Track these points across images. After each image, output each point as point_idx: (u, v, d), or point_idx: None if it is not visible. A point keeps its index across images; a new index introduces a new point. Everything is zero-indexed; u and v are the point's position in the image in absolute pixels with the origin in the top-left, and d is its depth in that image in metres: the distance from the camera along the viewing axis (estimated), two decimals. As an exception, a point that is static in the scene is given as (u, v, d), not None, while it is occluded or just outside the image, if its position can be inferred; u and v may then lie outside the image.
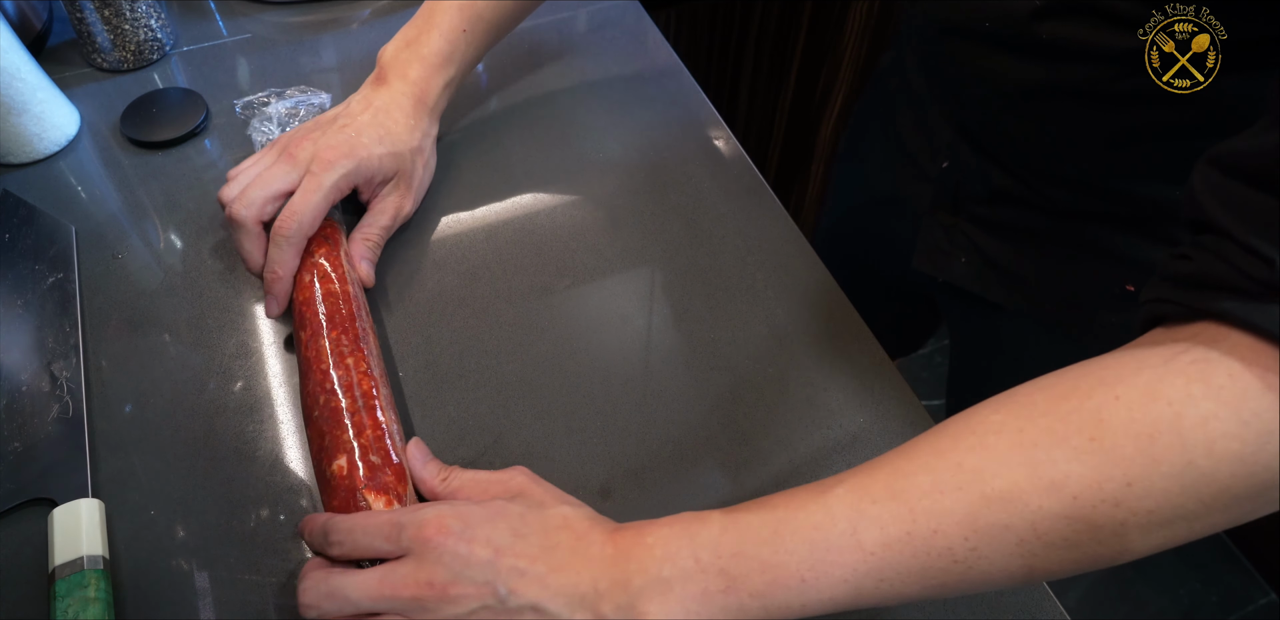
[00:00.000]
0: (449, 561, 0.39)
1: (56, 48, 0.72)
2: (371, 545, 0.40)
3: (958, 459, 0.35)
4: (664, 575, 0.38)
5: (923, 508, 0.35)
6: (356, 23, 0.75)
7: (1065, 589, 1.35)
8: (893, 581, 0.35)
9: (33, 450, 0.49)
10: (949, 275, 0.65)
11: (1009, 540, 0.34)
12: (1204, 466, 0.32)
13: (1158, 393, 0.33)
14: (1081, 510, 0.33)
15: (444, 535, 0.39)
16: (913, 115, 0.65)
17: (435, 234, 0.60)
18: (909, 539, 0.35)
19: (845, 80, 1.28)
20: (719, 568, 0.37)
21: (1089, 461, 0.33)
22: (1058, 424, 0.34)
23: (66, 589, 0.42)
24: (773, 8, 1.11)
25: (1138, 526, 0.33)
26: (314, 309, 0.51)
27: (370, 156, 0.54)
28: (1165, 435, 0.32)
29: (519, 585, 0.38)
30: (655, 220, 0.61)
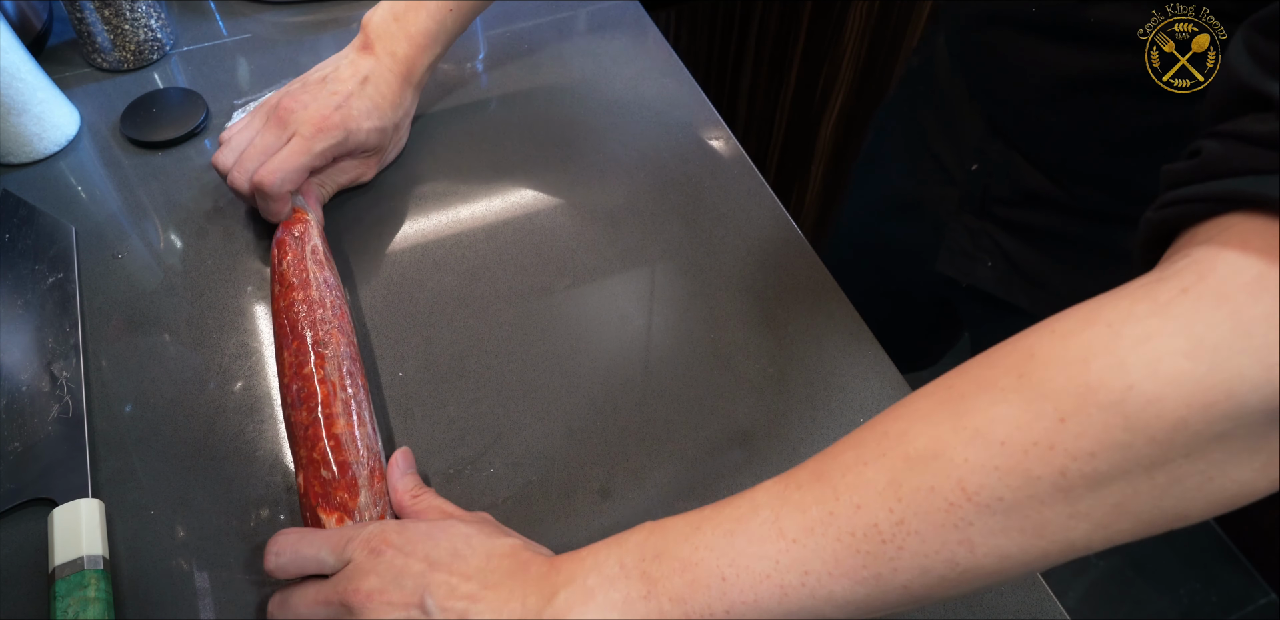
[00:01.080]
0: (383, 571, 0.39)
1: (56, 48, 0.72)
2: (316, 554, 0.41)
3: (884, 428, 0.32)
4: (588, 584, 0.36)
5: (845, 484, 0.32)
6: (356, 23, 0.75)
7: (1065, 589, 1.35)
8: (819, 575, 0.31)
9: (33, 450, 0.49)
10: (973, 279, 0.65)
11: (937, 506, 0.29)
12: (1148, 392, 0.26)
13: (1095, 317, 0.29)
14: (1012, 458, 0.28)
15: (384, 545, 0.40)
16: (940, 118, 0.65)
17: (435, 234, 0.60)
18: (831, 520, 0.31)
19: (845, 80, 1.28)
20: (641, 571, 0.35)
21: (1015, 400, 0.29)
22: (987, 370, 0.30)
23: (66, 589, 0.42)
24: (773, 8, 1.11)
25: (1081, 477, 0.28)
26: (279, 321, 0.51)
27: (359, 130, 0.55)
28: (1099, 358, 0.27)
29: (446, 600, 0.38)
30: (655, 220, 0.61)
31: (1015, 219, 0.60)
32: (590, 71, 0.71)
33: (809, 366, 0.54)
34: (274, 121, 0.55)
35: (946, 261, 0.67)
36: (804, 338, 0.55)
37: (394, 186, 0.63)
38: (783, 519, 0.32)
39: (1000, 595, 0.45)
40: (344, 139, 0.55)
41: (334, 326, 0.51)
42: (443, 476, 0.49)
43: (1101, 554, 1.38)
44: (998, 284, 0.64)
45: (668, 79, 0.71)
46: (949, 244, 0.66)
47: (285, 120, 0.54)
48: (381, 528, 0.41)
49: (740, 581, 0.33)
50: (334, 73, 0.56)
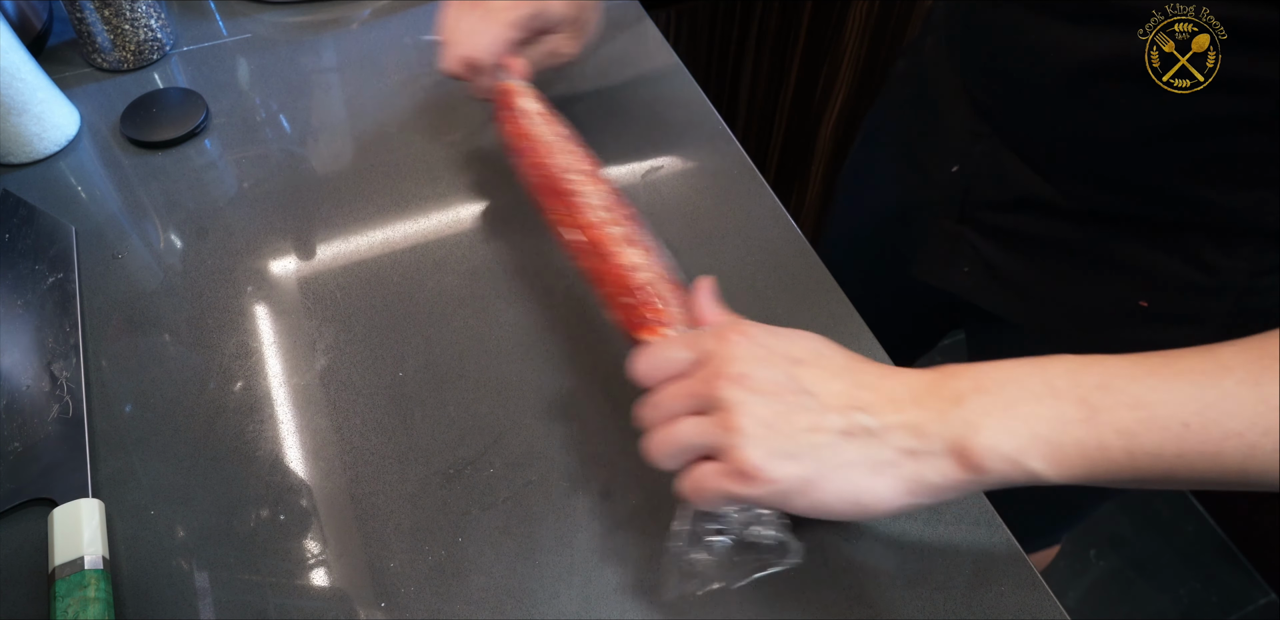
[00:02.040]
0: (744, 357, 0.37)
1: (56, 48, 0.72)
2: (671, 354, 0.40)
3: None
4: (1006, 394, 0.34)
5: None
6: (356, 23, 0.75)
7: (1065, 589, 1.35)
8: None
9: (33, 450, 0.49)
10: (950, 285, 0.65)
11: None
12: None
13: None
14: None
15: (740, 335, 0.38)
16: (924, 121, 0.65)
17: (435, 234, 0.60)
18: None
19: (845, 80, 1.28)
20: (1078, 396, 0.33)
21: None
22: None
23: (66, 589, 0.42)
24: (773, 8, 1.11)
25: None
26: (532, 185, 0.53)
27: (552, 3, 0.57)
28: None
29: (822, 385, 0.36)
30: (655, 220, 0.61)
31: (996, 223, 0.60)
32: (590, 71, 0.71)
33: (809, 366, 0.54)
34: (470, 7, 0.57)
35: (923, 267, 0.66)
36: (804, 338, 0.55)
37: (394, 186, 0.63)
38: (1264, 385, 0.32)
39: (1000, 595, 0.45)
40: (539, 11, 0.56)
41: (583, 174, 0.51)
42: (443, 476, 0.49)
43: (1101, 554, 1.38)
44: (974, 291, 0.63)
45: (668, 79, 0.71)
46: (927, 249, 0.65)
47: (488, 7, 0.56)
48: (735, 319, 0.40)
49: (1205, 432, 0.32)
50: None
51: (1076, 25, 0.47)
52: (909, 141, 0.67)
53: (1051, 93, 0.51)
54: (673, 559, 0.45)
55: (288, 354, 0.54)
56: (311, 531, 0.47)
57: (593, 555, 0.46)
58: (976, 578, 0.45)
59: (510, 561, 0.46)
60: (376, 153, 0.65)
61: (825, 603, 0.45)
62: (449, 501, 0.48)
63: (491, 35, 0.56)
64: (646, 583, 0.45)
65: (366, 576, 0.46)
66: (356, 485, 0.49)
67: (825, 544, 0.46)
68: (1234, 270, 0.52)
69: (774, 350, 0.38)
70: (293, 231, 0.60)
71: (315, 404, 0.52)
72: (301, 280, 0.58)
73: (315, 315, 0.56)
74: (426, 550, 0.46)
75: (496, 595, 0.45)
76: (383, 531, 0.47)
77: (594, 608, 0.45)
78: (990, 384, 0.35)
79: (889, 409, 0.36)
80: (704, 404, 0.38)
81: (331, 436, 0.51)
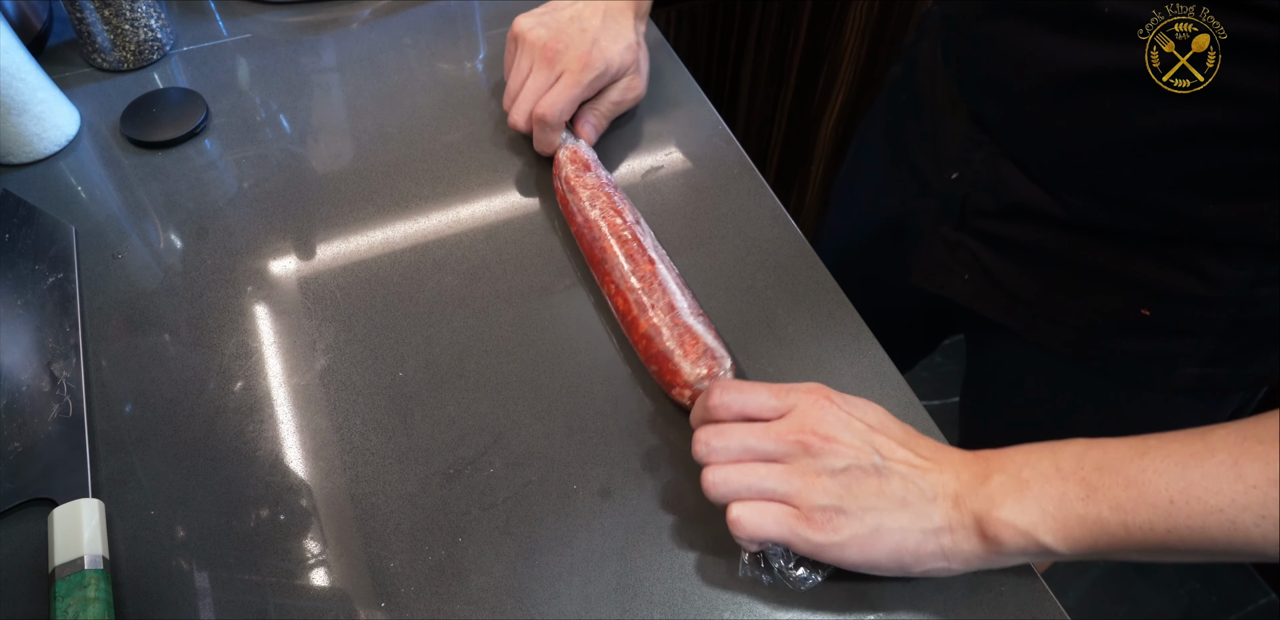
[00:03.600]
0: (832, 420, 0.42)
1: (56, 48, 0.72)
2: (758, 399, 0.44)
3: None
4: (1022, 475, 0.39)
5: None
6: (356, 23, 0.75)
7: (1065, 589, 1.35)
8: (1276, 522, 0.34)
9: (33, 450, 0.49)
10: (948, 292, 0.64)
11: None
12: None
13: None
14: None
15: (828, 399, 0.43)
16: (920, 128, 0.64)
17: (435, 234, 0.60)
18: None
19: (845, 80, 1.28)
20: (1080, 477, 0.38)
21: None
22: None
23: (66, 589, 0.42)
24: (773, 8, 1.11)
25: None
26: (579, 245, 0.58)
27: (614, 56, 0.61)
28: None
29: (891, 457, 0.42)
30: (655, 220, 0.61)
31: (996, 232, 0.59)
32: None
33: (809, 366, 0.54)
34: (542, 63, 0.60)
35: (921, 275, 0.66)
36: (804, 338, 0.55)
37: (394, 186, 0.63)
38: (1243, 465, 0.35)
39: (1000, 595, 0.45)
40: (604, 69, 0.60)
41: (617, 239, 0.55)
42: (443, 476, 0.49)
43: (1101, 554, 1.38)
44: (973, 298, 0.63)
45: (668, 79, 0.71)
46: (925, 256, 0.65)
47: (553, 61, 0.60)
48: (817, 384, 0.45)
49: (1189, 508, 0.36)
50: (578, 13, 0.62)
51: (1075, 32, 0.47)
52: (907, 148, 0.67)
53: (1050, 101, 0.51)
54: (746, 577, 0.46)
55: (288, 354, 0.54)
56: (311, 531, 0.47)
57: (593, 555, 0.46)
58: (976, 578, 0.45)
59: (510, 561, 0.46)
60: (376, 153, 0.65)
61: (826, 602, 0.45)
62: (449, 501, 0.48)
63: (561, 96, 0.59)
64: (646, 582, 0.45)
65: (366, 576, 0.46)
66: (356, 485, 0.49)
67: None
68: (1234, 281, 0.52)
69: (854, 415, 0.43)
70: (293, 231, 0.60)
71: (315, 404, 0.52)
72: (301, 280, 0.58)
73: (315, 315, 0.56)
74: (426, 550, 0.46)
75: (496, 595, 0.45)
76: (383, 531, 0.47)
77: (594, 608, 0.45)
78: (1010, 465, 0.41)
79: (938, 486, 0.41)
80: (786, 453, 0.42)
81: (331, 436, 0.51)
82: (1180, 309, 0.54)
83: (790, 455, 0.42)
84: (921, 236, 0.65)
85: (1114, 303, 0.57)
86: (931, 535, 0.40)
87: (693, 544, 0.47)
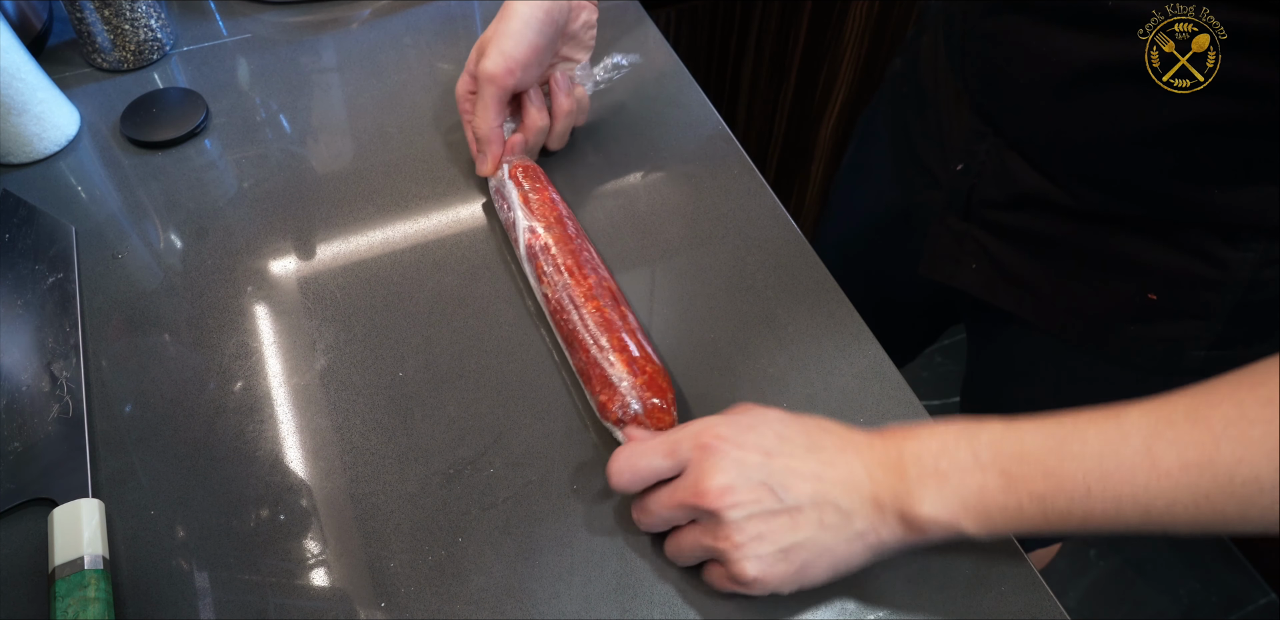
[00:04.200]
0: (725, 467, 0.41)
1: (56, 48, 0.72)
2: (651, 464, 0.43)
3: (1268, 395, 0.35)
4: (940, 467, 0.39)
5: (1229, 435, 0.35)
6: (356, 23, 0.75)
7: (1065, 589, 1.35)
8: (1186, 506, 0.35)
9: (33, 450, 0.49)
10: (957, 281, 0.65)
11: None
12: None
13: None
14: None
15: (719, 441, 0.42)
16: (924, 120, 0.64)
17: (435, 234, 0.60)
18: (1210, 466, 0.35)
19: (845, 80, 1.28)
20: (1000, 467, 0.38)
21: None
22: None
23: (66, 589, 0.42)
24: (773, 8, 1.11)
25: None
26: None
27: (511, 55, 0.56)
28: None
29: (793, 482, 0.41)
30: (655, 220, 0.61)
31: (1002, 221, 0.60)
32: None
33: (809, 366, 0.54)
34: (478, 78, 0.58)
35: (930, 265, 0.66)
36: (804, 338, 0.55)
37: (394, 186, 0.63)
38: (1156, 452, 0.36)
39: (1000, 595, 0.45)
40: (514, 71, 0.56)
41: (552, 265, 0.53)
42: (443, 476, 0.49)
43: (1102, 554, 1.38)
44: (982, 287, 0.63)
45: (668, 79, 0.71)
46: (932, 247, 0.65)
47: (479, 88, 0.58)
48: (704, 425, 0.44)
49: (1104, 495, 0.37)
50: (485, 36, 0.59)
51: (1076, 30, 0.48)
52: (911, 140, 0.67)
53: (1052, 97, 0.51)
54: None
55: (288, 354, 0.54)
56: (311, 531, 0.47)
57: (593, 555, 0.46)
58: (976, 578, 0.45)
59: (510, 561, 0.46)
60: (376, 153, 0.65)
61: (825, 603, 0.45)
62: (449, 501, 0.48)
63: (489, 114, 0.57)
64: (646, 582, 0.45)
65: (366, 576, 0.46)
66: (356, 485, 0.49)
67: (825, 544, 0.46)
68: (1241, 263, 0.52)
69: (746, 447, 0.42)
70: (293, 231, 0.60)
71: (315, 404, 0.52)
72: (301, 280, 0.58)
73: (315, 315, 0.56)
74: (426, 550, 0.46)
75: (496, 595, 0.45)
76: (383, 531, 0.47)
77: (594, 608, 0.45)
78: (925, 454, 0.40)
79: (852, 493, 0.41)
80: (695, 516, 0.43)
81: (331, 436, 0.51)
82: (1187, 292, 0.55)
83: (697, 519, 0.43)
84: (928, 228, 0.66)
85: (1122, 288, 0.57)
86: (858, 540, 0.41)
87: (693, 544, 0.47)
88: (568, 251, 0.54)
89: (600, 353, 0.49)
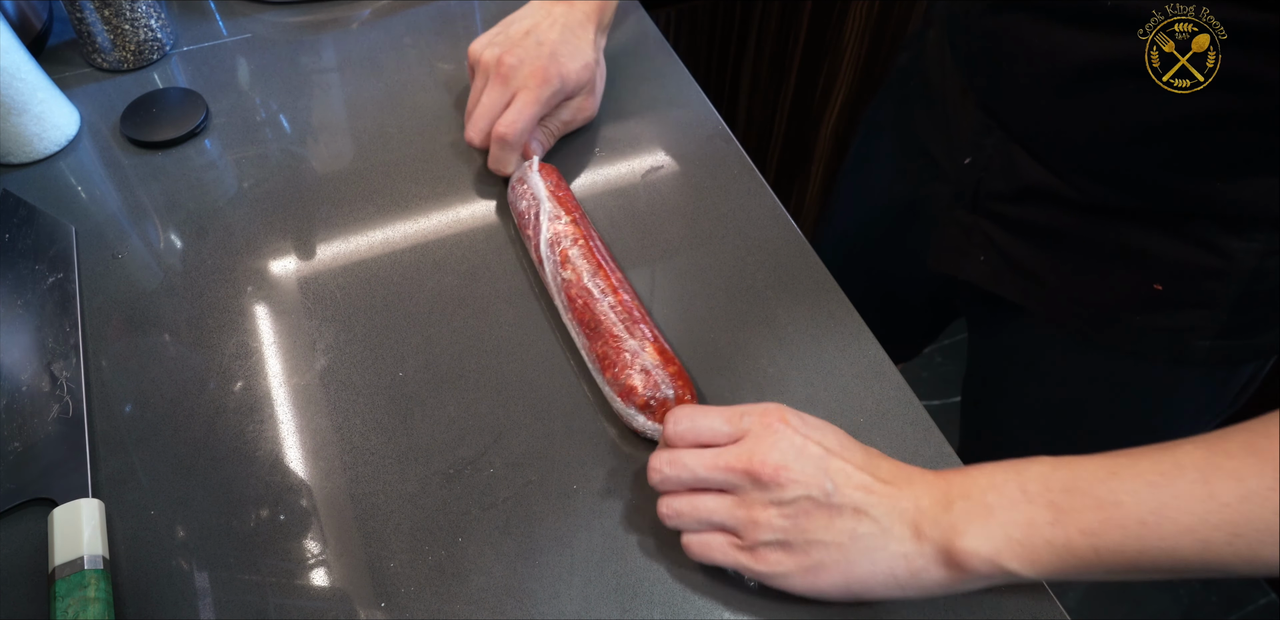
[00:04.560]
0: (784, 447, 0.41)
1: (56, 48, 0.72)
2: (711, 425, 0.43)
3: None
4: (987, 500, 0.38)
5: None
6: (356, 23, 0.75)
7: (1065, 589, 1.35)
8: (1249, 540, 0.34)
9: (33, 450, 0.49)
10: (966, 274, 0.65)
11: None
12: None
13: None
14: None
15: (783, 423, 0.42)
16: (931, 114, 0.65)
17: (434, 234, 0.60)
18: (1270, 495, 0.33)
19: (845, 80, 1.28)
20: (1048, 500, 0.37)
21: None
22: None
23: (66, 589, 0.42)
24: (773, 8, 1.11)
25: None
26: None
27: (571, 73, 0.60)
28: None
29: (845, 485, 0.40)
30: (655, 220, 0.61)
31: (1010, 214, 0.60)
32: (590, 71, 0.71)
33: (809, 366, 0.54)
34: (496, 79, 0.59)
35: (938, 258, 0.67)
36: (804, 338, 0.55)
37: (394, 186, 0.63)
38: (1214, 483, 0.35)
39: (1000, 595, 0.45)
40: (561, 85, 0.59)
41: (570, 271, 0.54)
42: (443, 476, 0.49)
43: (1101, 554, 1.38)
44: (991, 279, 0.64)
45: (668, 79, 0.71)
46: (941, 240, 0.66)
47: (508, 77, 0.58)
48: (773, 405, 0.43)
49: (1161, 529, 0.35)
50: (534, 26, 0.60)
51: (1078, 29, 0.48)
52: (917, 134, 0.67)
53: (1054, 95, 0.52)
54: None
55: (288, 354, 0.54)
56: (311, 531, 0.47)
57: (593, 555, 0.46)
58: (976, 578, 0.45)
59: (510, 561, 0.46)
60: (376, 153, 0.65)
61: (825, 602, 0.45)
62: (449, 501, 0.48)
63: (522, 114, 0.58)
64: (646, 582, 0.45)
65: (366, 576, 0.46)
66: (356, 485, 0.49)
67: (825, 544, 0.46)
68: (1246, 253, 0.52)
69: (810, 438, 0.42)
70: (293, 231, 0.60)
71: (315, 404, 0.52)
72: (301, 280, 0.58)
73: (315, 315, 0.56)
74: (426, 550, 0.46)
75: (496, 595, 0.45)
76: (383, 531, 0.47)
77: (594, 608, 0.45)
78: (974, 489, 0.39)
79: (894, 515, 0.40)
80: (736, 484, 0.42)
81: (331, 436, 0.51)
82: (1192, 282, 0.55)
83: (738, 486, 0.42)
84: (935, 221, 0.66)
85: (1127, 279, 0.57)
86: (883, 564, 0.40)
87: (693, 544, 0.47)
88: (592, 247, 0.55)
89: (630, 338, 0.50)
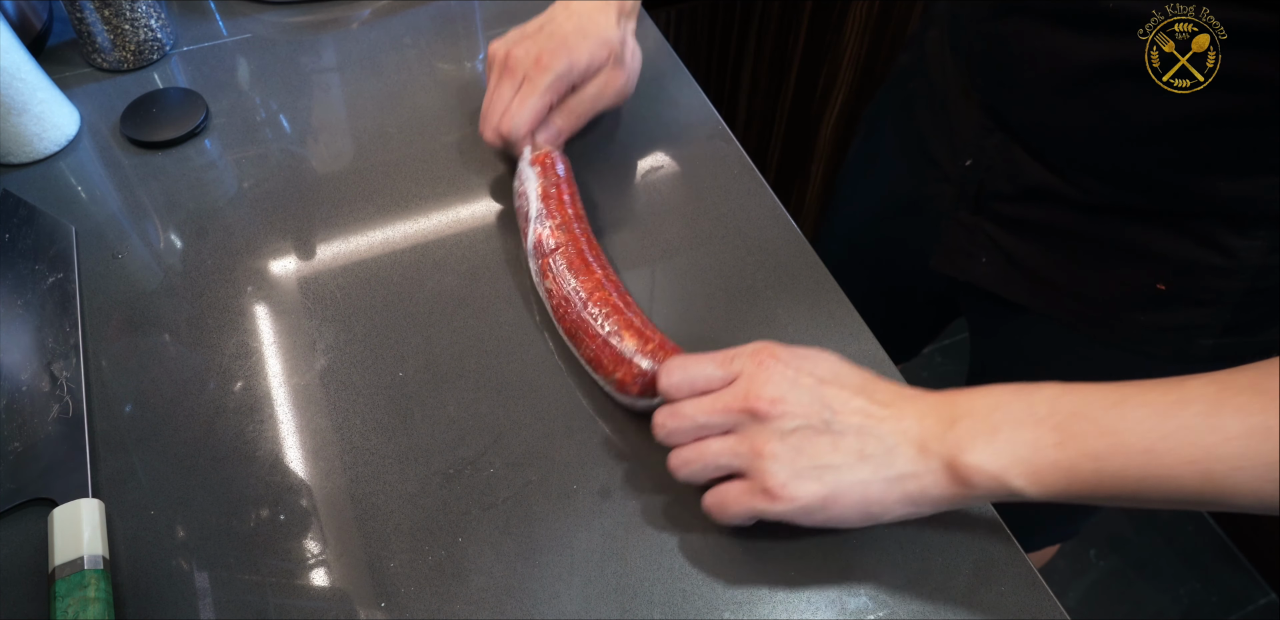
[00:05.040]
0: (778, 381, 0.41)
1: (56, 48, 0.72)
2: (704, 371, 0.43)
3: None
4: (993, 419, 0.39)
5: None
6: (356, 23, 0.75)
7: (1065, 589, 1.35)
8: (1250, 473, 0.34)
9: (33, 450, 0.49)
10: (969, 276, 0.65)
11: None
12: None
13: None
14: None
15: (774, 358, 0.42)
16: (933, 115, 0.65)
17: (435, 234, 0.60)
18: (1274, 430, 0.34)
19: (845, 80, 1.28)
20: (1054, 422, 0.37)
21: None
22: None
23: (66, 589, 0.42)
24: (773, 8, 1.11)
25: None
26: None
27: (580, 53, 0.57)
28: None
29: (844, 410, 0.41)
30: (655, 220, 0.61)
31: (1012, 214, 0.60)
32: (590, 71, 0.71)
33: (809, 366, 0.54)
34: (506, 74, 0.58)
35: (942, 259, 0.67)
36: (804, 338, 0.55)
37: (394, 186, 0.63)
38: (1220, 416, 0.35)
39: (1000, 595, 0.45)
40: (568, 68, 0.56)
41: (558, 265, 0.53)
42: (443, 476, 0.49)
43: (1101, 554, 1.38)
44: (995, 280, 0.64)
45: (668, 79, 0.71)
46: (944, 241, 0.66)
47: (514, 71, 0.58)
48: (762, 344, 0.44)
49: (1165, 458, 0.35)
50: (549, 19, 0.59)
51: (1077, 30, 0.48)
52: (919, 135, 0.67)
53: (1055, 95, 0.52)
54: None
55: (288, 354, 0.54)
56: (311, 531, 0.47)
57: (593, 555, 0.46)
58: (976, 577, 0.45)
59: (510, 561, 0.46)
60: (376, 153, 0.65)
61: (825, 602, 0.45)
62: (449, 501, 0.48)
63: (525, 107, 0.57)
64: (646, 582, 0.45)
65: (366, 576, 0.46)
66: (356, 485, 0.49)
67: (826, 544, 0.46)
68: (1249, 251, 0.52)
69: (802, 370, 0.42)
70: (293, 231, 0.60)
71: (315, 404, 0.52)
72: (301, 280, 0.58)
73: (315, 315, 0.56)
74: (426, 550, 0.46)
75: (496, 595, 0.45)
76: (383, 531, 0.47)
77: (594, 608, 0.45)
78: (980, 408, 0.40)
79: (898, 434, 0.40)
80: (736, 423, 0.42)
81: (331, 436, 0.51)
82: (1196, 281, 0.55)
83: (739, 425, 0.42)
84: (937, 221, 0.66)
85: (1132, 278, 0.57)
86: (895, 483, 0.40)
87: (692, 544, 0.47)
88: (575, 251, 0.54)
89: (607, 335, 0.49)
